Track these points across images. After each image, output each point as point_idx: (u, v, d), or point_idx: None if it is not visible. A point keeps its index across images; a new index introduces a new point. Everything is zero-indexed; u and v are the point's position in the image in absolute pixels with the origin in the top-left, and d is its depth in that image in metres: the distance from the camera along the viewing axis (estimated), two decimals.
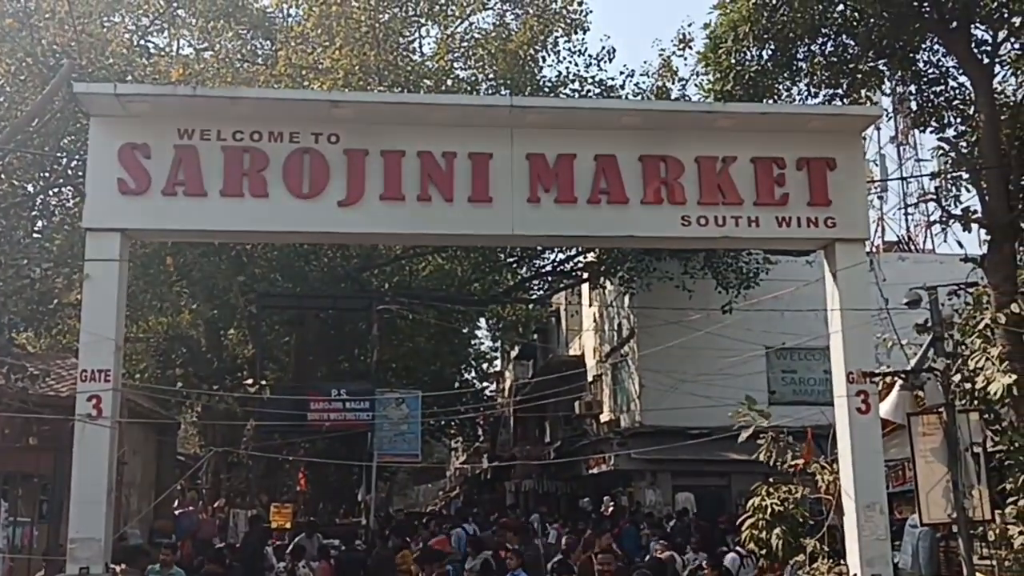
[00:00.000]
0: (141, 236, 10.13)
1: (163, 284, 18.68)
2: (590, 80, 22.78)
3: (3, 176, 14.33)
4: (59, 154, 14.34)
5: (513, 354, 43.86)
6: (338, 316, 26.04)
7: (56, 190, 15.49)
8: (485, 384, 46.07)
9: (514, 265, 28.24)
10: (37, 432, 12.41)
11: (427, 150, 8.97)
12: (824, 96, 13.31)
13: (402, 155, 8.95)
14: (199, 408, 22.86)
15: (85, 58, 12.90)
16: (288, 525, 19.54)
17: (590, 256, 25.87)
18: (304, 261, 22.68)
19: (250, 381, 15.08)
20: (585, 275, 27.72)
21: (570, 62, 23.77)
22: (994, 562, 9.53)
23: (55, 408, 11.54)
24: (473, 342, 39.06)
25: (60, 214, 15.55)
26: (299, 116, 9.01)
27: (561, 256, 27.37)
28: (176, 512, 19.59)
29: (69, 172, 14.65)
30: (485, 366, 44.80)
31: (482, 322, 34.79)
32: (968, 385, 9.89)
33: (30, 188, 14.79)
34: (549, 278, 29.61)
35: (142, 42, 18.31)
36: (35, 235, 14.44)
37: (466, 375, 40.10)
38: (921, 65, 13.43)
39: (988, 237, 11.78)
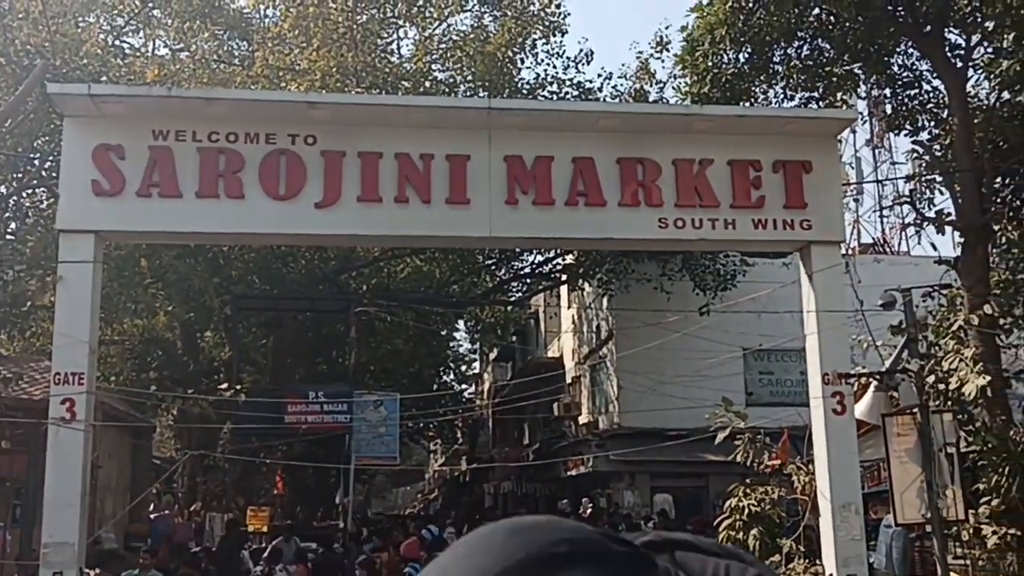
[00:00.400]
0: (115, 237, 10.06)
1: (138, 286, 18.53)
2: (568, 82, 22.82)
3: None
4: (33, 155, 14.20)
5: (492, 356, 43.86)
6: (316, 318, 25.91)
7: (30, 191, 15.34)
8: (464, 386, 46.04)
9: (492, 267, 28.23)
10: (10, 435, 12.30)
11: (405, 152, 8.95)
12: (800, 99, 13.42)
13: (379, 157, 8.93)
14: (175, 411, 22.71)
15: (59, 58, 12.78)
16: (265, 528, 19.42)
17: (568, 258, 25.91)
18: (281, 263, 22.56)
19: (226, 384, 14.99)
20: (564, 277, 27.75)
21: (548, 64, 23.83)
22: (968, 562, 9.63)
23: (28, 411, 11.44)
24: (452, 344, 39.02)
25: (34, 216, 15.40)
26: (276, 117, 8.98)
27: (540, 258, 27.38)
28: (151, 516, 19.42)
29: (43, 173, 14.51)
30: (464, 368, 44.75)
31: (461, 324, 34.73)
32: (942, 386, 10.00)
33: (3, 190, 14.65)
34: (528, 280, 29.63)
35: (117, 42, 18.16)
36: (8, 237, 14.29)
37: (445, 377, 40.04)
38: (896, 69, 13.56)
39: (961, 239, 11.90)
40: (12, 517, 13.43)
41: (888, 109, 14.45)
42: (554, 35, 22.84)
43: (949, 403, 9.83)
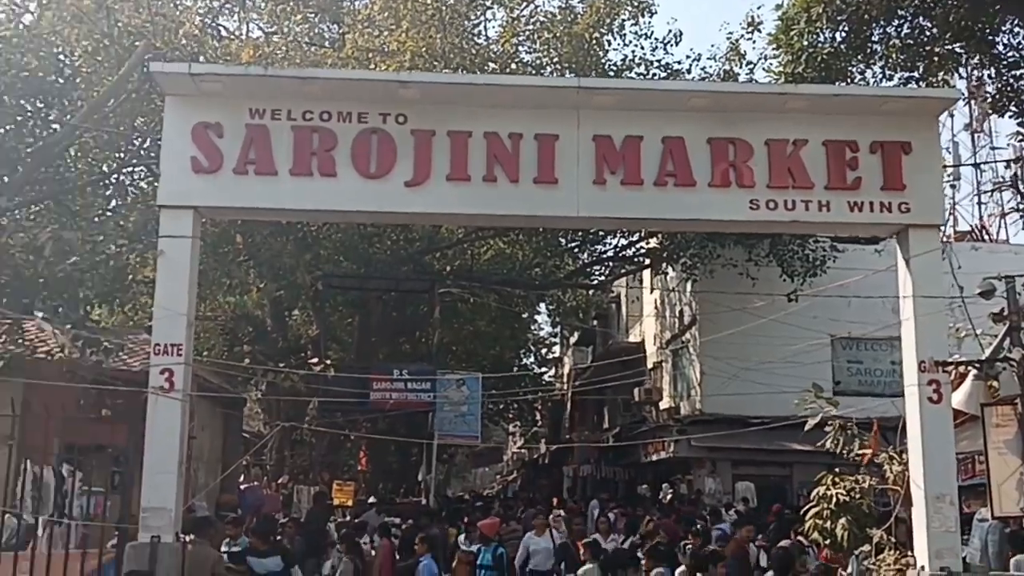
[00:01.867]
0: (213, 214, 10.29)
1: (232, 263, 18.98)
2: (656, 64, 22.61)
3: (80, 155, 14.68)
4: (133, 134, 14.64)
5: (572, 340, 43.86)
6: (400, 298, 26.26)
7: (129, 169, 15.83)
8: (544, 369, 46.14)
9: (575, 250, 28.18)
10: (110, 405, 12.70)
11: (493, 131, 8.95)
12: (899, 79, 13.09)
13: (469, 136, 8.95)
14: (263, 386, 23.27)
15: (159, 40, 13.13)
16: (350, 503, 19.84)
17: (652, 242, 25.72)
18: (368, 243, 22.88)
19: (315, 360, 15.31)
20: (647, 261, 27.55)
21: (636, 45, 23.52)
22: None
23: (127, 382, 11.78)
24: (532, 327, 39.13)
25: (133, 193, 15.90)
26: (367, 97, 9.06)
27: (623, 241, 27.25)
28: (241, 487, 19.98)
29: (142, 152, 14.97)
30: (544, 351, 44.83)
31: (542, 307, 34.79)
32: None
33: (105, 168, 15.14)
34: (610, 263, 29.51)
35: (213, 24, 18.54)
36: (109, 213, 14.78)
37: (525, 360, 40.19)
38: (1000, 48, 13.11)
39: None
40: (111, 484, 13.86)
41: (991, 90, 13.96)
42: (643, 16, 22.64)
43: None
